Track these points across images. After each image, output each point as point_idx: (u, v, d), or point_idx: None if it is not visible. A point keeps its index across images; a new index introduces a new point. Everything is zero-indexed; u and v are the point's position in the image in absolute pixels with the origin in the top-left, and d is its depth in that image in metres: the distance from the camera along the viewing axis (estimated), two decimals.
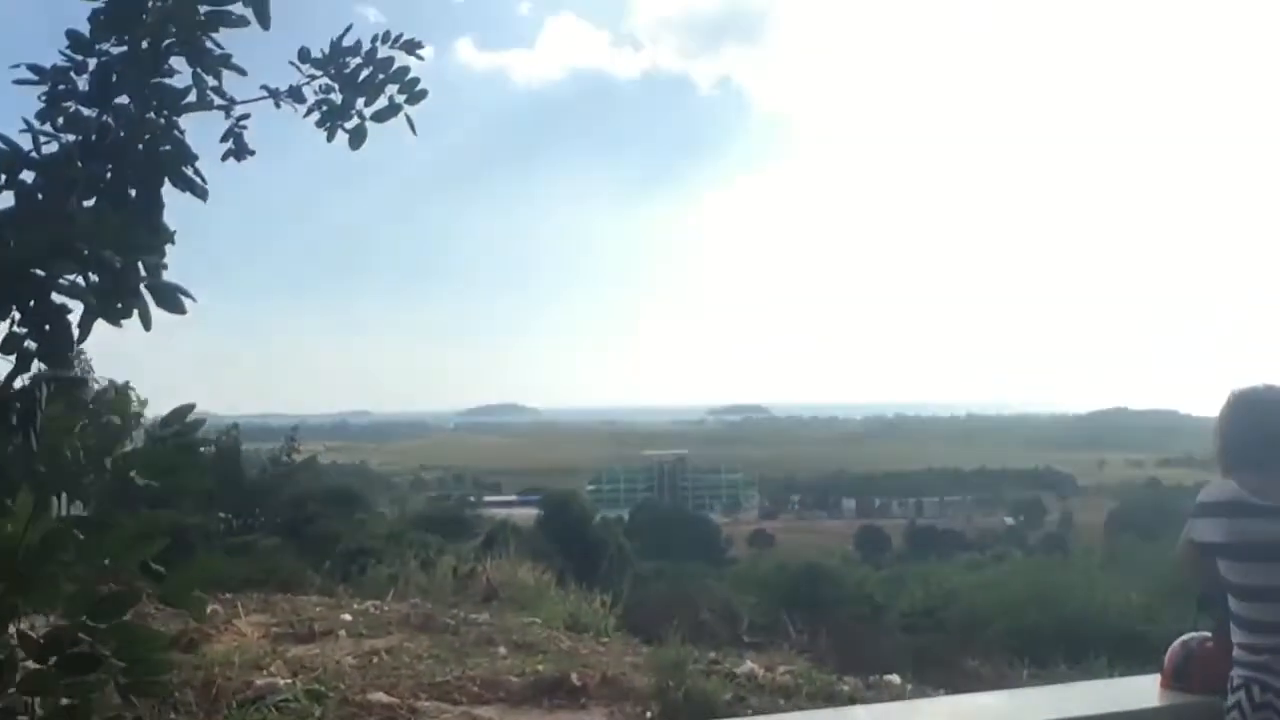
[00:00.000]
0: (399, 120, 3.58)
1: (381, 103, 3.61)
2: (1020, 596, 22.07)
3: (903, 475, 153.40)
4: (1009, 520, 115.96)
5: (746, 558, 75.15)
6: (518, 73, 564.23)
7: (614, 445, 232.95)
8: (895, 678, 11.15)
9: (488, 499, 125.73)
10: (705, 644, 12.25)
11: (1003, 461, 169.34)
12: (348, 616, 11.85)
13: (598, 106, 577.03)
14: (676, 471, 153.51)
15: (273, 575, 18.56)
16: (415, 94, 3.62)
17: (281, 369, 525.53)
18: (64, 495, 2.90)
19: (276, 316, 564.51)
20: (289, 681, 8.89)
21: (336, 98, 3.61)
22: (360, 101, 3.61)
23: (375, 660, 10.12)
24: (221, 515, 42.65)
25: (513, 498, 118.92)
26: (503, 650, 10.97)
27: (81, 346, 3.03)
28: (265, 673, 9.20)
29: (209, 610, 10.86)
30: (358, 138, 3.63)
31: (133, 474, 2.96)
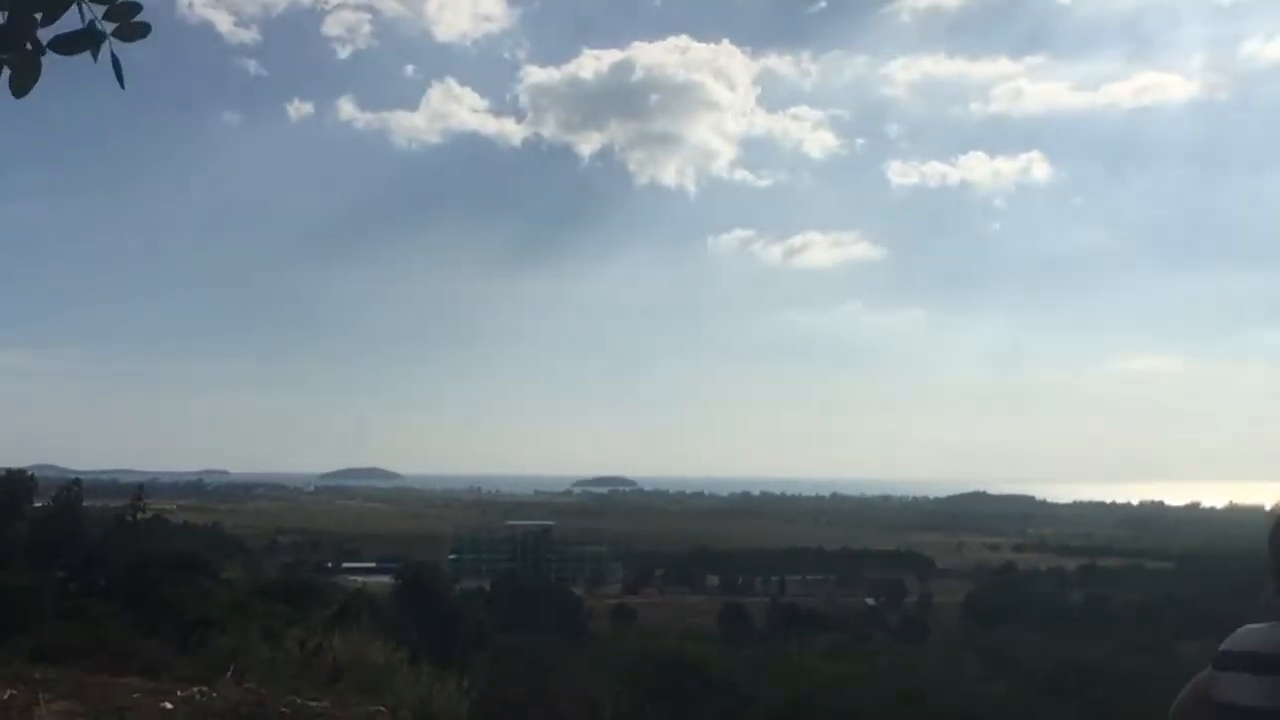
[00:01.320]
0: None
1: (72, 23, 2.47)
2: (889, 690, 21.56)
3: (767, 552, 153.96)
4: (870, 601, 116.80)
5: (608, 633, 74.59)
6: (398, 134, 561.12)
7: (478, 514, 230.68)
8: None
9: (346, 565, 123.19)
10: None
11: (865, 541, 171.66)
12: (168, 705, 10.63)
13: (477, 172, 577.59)
14: (541, 543, 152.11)
15: (103, 645, 17.22)
16: (132, 25, 2.49)
17: (135, 423, 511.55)
18: None
19: (132, 368, 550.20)
20: None
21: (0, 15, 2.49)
22: (38, 18, 2.47)
23: None
24: (58, 575, 40.54)
25: (371, 564, 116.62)
26: None
27: None
28: None
29: (5, 695, 9.63)
30: (25, 74, 2.51)
31: None
